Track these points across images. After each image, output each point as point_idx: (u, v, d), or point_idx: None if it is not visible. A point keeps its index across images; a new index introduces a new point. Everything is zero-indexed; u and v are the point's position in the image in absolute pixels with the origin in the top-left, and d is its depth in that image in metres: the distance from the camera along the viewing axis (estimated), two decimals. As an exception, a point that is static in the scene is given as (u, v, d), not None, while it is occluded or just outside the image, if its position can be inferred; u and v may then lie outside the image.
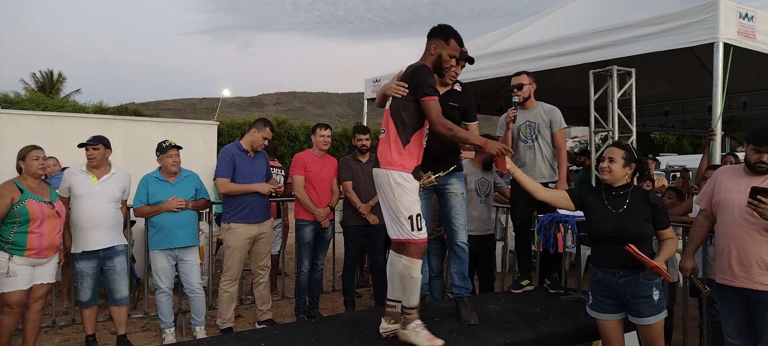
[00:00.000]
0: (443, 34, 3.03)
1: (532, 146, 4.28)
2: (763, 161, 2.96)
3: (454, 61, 3.12)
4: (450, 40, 3.03)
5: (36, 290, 3.88)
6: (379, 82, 7.65)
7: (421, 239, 2.88)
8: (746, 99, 8.25)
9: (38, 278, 3.87)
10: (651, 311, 2.93)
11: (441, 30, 3.05)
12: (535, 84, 4.31)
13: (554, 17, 6.70)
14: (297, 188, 4.92)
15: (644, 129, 10.91)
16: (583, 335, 3.38)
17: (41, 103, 18.91)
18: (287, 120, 23.29)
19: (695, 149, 28.19)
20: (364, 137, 5.18)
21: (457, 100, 3.43)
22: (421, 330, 2.92)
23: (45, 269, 3.90)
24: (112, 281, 4.28)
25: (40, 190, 3.85)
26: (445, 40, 3.02)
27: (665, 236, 3.02)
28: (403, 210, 2.85)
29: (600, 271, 3.05)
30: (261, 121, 4.73)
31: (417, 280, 2.91)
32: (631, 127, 4.91)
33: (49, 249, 3.86)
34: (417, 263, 2.88)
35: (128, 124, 7.52)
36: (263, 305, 4.86)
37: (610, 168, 3.02)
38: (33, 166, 3.82)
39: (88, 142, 4.21)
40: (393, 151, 2.91)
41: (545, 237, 3.92)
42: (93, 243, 4.14)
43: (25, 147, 3.88)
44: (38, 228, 3.75)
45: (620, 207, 3.00)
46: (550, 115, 4.24)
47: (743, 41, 4.41)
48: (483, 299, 4.13)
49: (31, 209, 3.72)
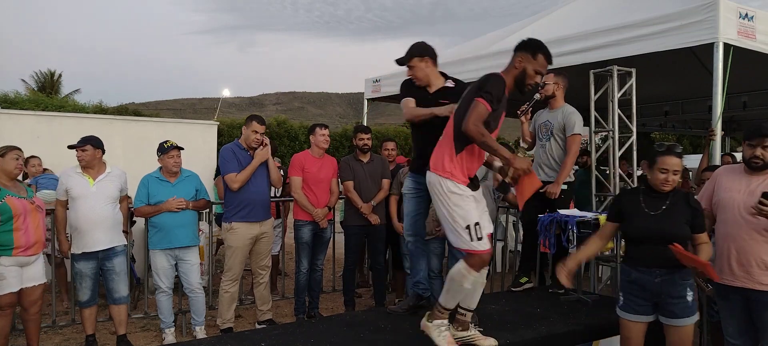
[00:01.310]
0: (531, 49, 2.82)
1: (544, 146, 4.32)
2: (757, 156, 2.98)
3: (539, 77, 2.91)
4: (538, 56, 2.81)
5: (30, 293, 3.84)
6: (379, 82, 7.64)
7: (482, 250, 2.73)
8: (746, 99, 8.24)
9: (28, 281, 3.82)
10: (685, 312, 2.92)
11: (530, 44, 2.85)
12: (562, 83, 4.31)
13: (554, 17, 6.69)
14: (294, 189, 4.92)
15: (644, 129, 10.89)
16: (583, 335, 3.38)
17: (41, 103, 18.90)
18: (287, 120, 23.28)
19: (695, 149, 28.14)
20: (366, 137, 5.18)
21: (449, 96, 3.35)
22: (445, 331, 2.87)
23: (33, 269, 3.86)
24: (112, 281, 4.27)
25: (15, 188, 3.82)
26: (533, 54, 2.81)
27: (701, 240, 2.97)
28: (459, 220, 2.72)
29: (634, 271, 3.02)
30: (249, 117, 4.74)
31: (465, 290, 2.80)
32: (632, 127, 4.91)
33: (36, 245, 3.82)
34: (473, 275, 2.76)
35: (128, 124, 7.53)
36: (263, 305, 4.86)
37: (673, 181, 2.95)
38: (11, 165, 3.77)
39: (77, 144, 4.20)
40: (445, 156, 2.79)
41: (546, 237, 3.93)
42: (92, 244, 4.14)
43: (4, 147, 3.83)
44: (23, 224, 3.72)
45: (659, 208, 2.97)
46: (565, 119, 4.26)
47: (743, 41, 4.40)
48: (483, 299, 4.12)
49: (12, 205, 3.68)
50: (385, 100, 8.04)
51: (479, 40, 7.36)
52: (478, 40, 7.48)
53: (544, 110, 4.39)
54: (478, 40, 7.52)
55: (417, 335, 3.12)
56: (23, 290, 3.80)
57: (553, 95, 4.30)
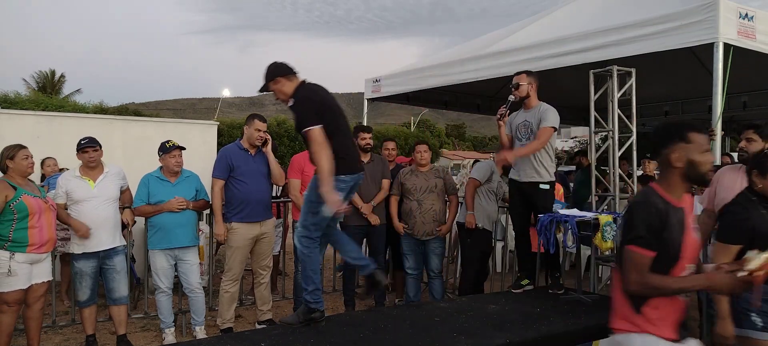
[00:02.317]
0: (678, 134, 2.10)
1: (524, 146, 4.26)
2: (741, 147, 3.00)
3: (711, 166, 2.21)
4: (690, 135, 2.09)
5: (36, 289, 3.91)
6: (379, 82, 7.64)
7: None
8: (746, 99, 8.25)
9: (36, 277, 3.90)
10: None
11: (674, 130, 2.14)
12: (535, 83, 4.28)
13: (554, 17, 6.70)
14: (292, 192, 4.92)
15: (644, 129, 10.91)
16: (583, 335, 3.38)
17: (41, 103, 18.91)
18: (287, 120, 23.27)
19: (695, 149, 28.16)
20: (368, 136, 5.18)
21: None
22: None
23: (42, 266, 3.94)
24: (112, 280, 4.29)
25: (29, 187, 3.90)
26: (684, 139, 2.08)
27: None
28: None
29: None
30: (250, 116, 4.74)
31: None
32: (631, 127, 4.91)
33: (49, 243, 3.90)
34: None
35: (128, 124, 7.51)
36: (264, 305, 4.86)
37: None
38: (23, 164, 3.85)
39: (87, 144, 4.21)
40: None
41: (546, 238, 3.93)
42: (95, 245, 4.16)
43: (12, 146, 3.89)
44: (38, 222, 3.80)
45: None
46: (541, 114, 4.18)
47: (743, 41, 4.41)
48: (483, 299, 4.13)
49: (28, 203, 3.76)
50: (385, 100, 8.04)
51: (479, 40, 7.37)
52: (478, 40, 7.49)
53: (519, 111, 4.34)
54: (478, 40, 7.53)
55: (417, 335, 3.13)
56: (30, 287, 3.86)
57: (527, 95, 4.26)
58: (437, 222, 5.01)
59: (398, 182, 5.11)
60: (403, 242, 5.10)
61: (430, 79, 6.81)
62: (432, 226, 5.00)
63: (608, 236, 3.78)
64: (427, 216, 4.95)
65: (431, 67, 6.89)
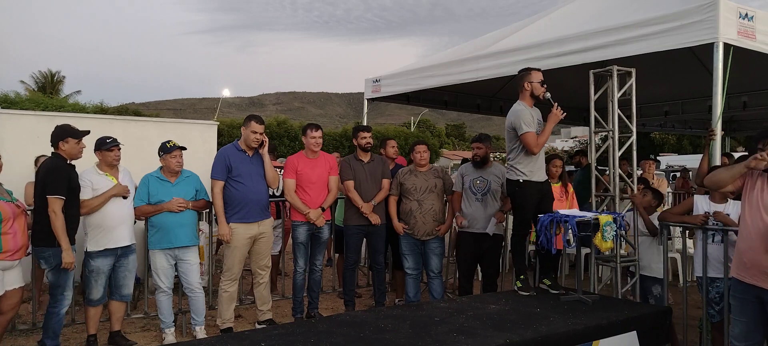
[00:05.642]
0: None
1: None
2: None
3: None
4: None
5: (10, 296, 3.80)
6: (379, 82, 7.64)
7: None
8: (746, 99, 8.24)
9: (10, 284, 3.78)
10: None
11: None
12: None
13: (554, 17, 6.69)
14: (287, 192, 4.92)
15: (644, 129, 10.90)
16: (583, 335, 3.37)
17: (41, 103, 18.92)
18: (287, 120, 23.32)
19: (695, 149, 28.20)
20: (368, 135, 5.18)
21: None
22: None
23: (14, 273, 3.83)
24: (123, 278, 4.34)
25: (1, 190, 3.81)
26: None
27: None
28: None
29: None
30: (247, 118, 4.74)
31: None
32: (631, 127, 4.90)
33: (22, 249, 3.80)
34: None
35: (128, 124, 7.51)
36: (263, 305, 4.86)
37: None
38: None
39: (113, 143, 4.23)
40: None
41: (546, 237, 3.92)
42: (115, 241, 4.20)
43: None
44: (11, 228, 3.69)
45: None
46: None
47: (743, 41, 4.40)
48: (483, 299, 4.13)
49: (2, 209, 3.65)
50: (385, 100, 8.04)
51: (479, 40, 7.37)
52: (478, 40, 7.49)
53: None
54: (477, 40, 7.52)
55: (417, 335, 3.13)
56: (4, 294, 3.74)
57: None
58: (437, 222, 5.02)
59: (397, 182, 5.11)
60: (403, 242, 5.10)
61: (430, 79, 6.81)
62: (432, 226, 5.00)
63: (608, 236, 3.78)
64: (427, 216, 4.95)
65: (431, 67, 6.88)
